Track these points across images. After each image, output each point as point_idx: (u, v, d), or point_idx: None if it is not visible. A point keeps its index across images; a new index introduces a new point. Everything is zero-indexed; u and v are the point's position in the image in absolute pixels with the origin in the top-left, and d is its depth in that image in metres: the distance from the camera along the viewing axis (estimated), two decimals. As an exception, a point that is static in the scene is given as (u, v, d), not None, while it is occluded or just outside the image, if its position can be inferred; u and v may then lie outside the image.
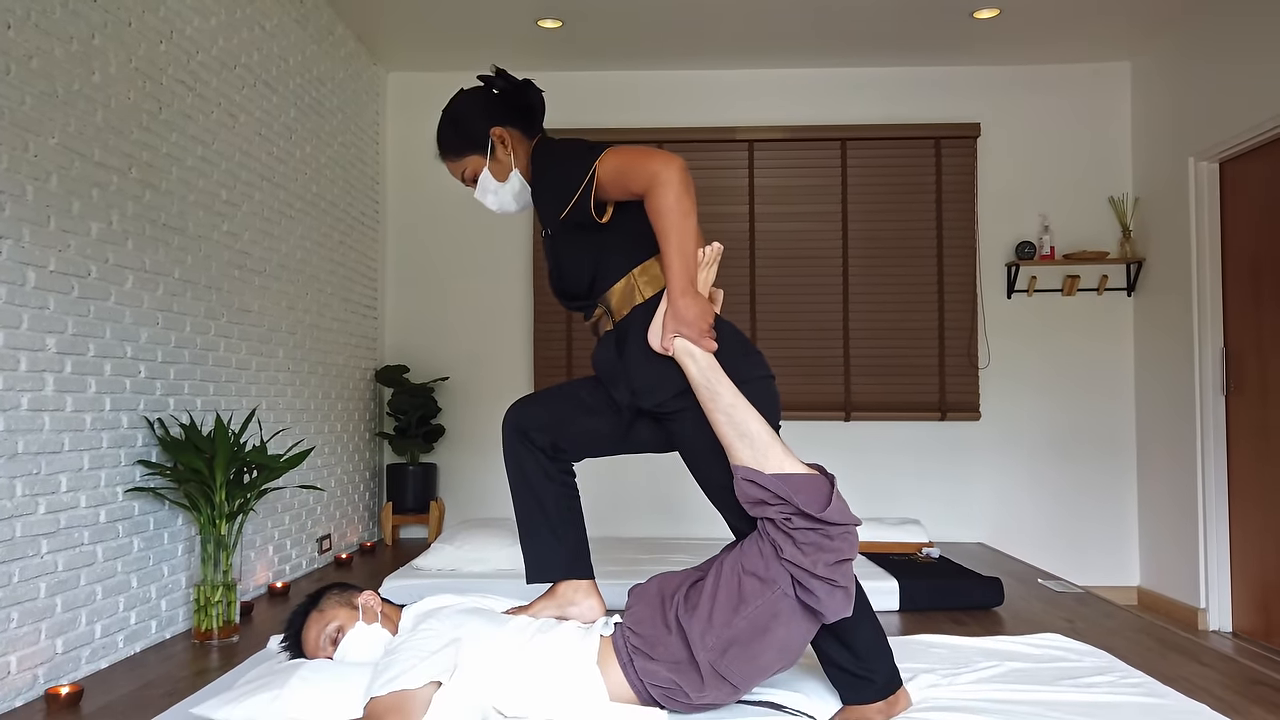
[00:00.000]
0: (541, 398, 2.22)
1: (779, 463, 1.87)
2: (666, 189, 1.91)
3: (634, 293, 2.08)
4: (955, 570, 3.72)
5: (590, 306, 2.17)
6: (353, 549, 4.64)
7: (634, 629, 1.98)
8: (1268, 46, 3.99)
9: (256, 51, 3.65)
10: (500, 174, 2.17)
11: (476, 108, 2.17)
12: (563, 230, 2.10)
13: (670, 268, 1.94)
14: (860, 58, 5.00)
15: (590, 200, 2.00)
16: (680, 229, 1.92)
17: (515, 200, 2.21)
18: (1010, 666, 2.41)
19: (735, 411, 1.91)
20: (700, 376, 1.94)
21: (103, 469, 2.67)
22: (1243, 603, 4.31)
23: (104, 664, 2.65)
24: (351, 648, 2.05)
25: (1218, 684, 2.48)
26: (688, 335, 1.94)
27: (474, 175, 2.19)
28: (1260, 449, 4.18)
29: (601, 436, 2.18)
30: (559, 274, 2.16)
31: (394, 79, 5.26)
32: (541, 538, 2.16)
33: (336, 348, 4.47)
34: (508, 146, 2.15)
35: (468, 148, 2.17)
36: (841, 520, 1.84)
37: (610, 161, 1.98)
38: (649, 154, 1.95)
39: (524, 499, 2.18)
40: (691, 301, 1.94)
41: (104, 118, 2.68)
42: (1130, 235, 5.00)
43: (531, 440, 2.16)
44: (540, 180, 2.11)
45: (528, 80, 2.19)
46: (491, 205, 2.22)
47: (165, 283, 3.00)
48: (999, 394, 5.08)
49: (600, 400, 2.16)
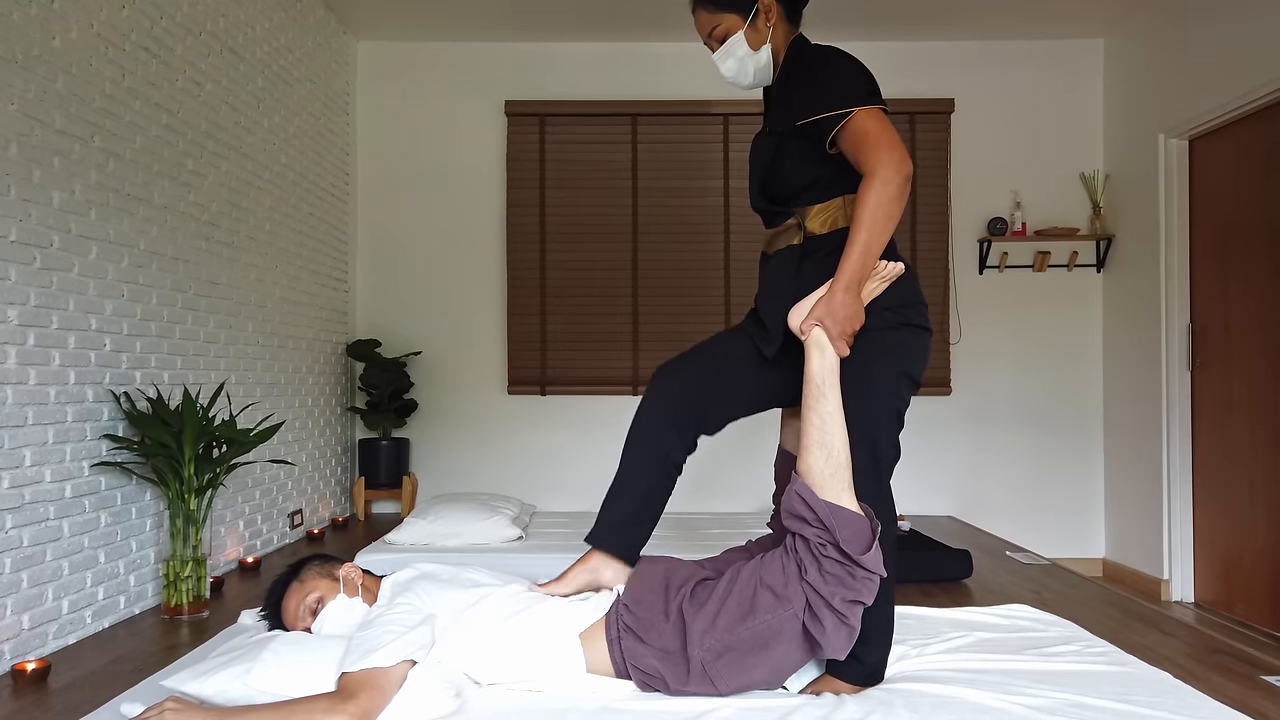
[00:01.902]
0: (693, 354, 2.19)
1: (838, 491, 1.86)
2: (886, 186, 1.88)
3: (836, 219, 2.05)
4: (925, 543, 3.77)
5: (782, 215, 2.14)
6: (324, 524, 4.61)
7: (630, 607, 1.97)
8: (1236, 26, 4.02)
9: (222, 18, 3.57)
10: (755, 42, 2.13)
11: None
12: (793, 134, 2.06)
13: (848, 258, 1.90)
14: (835, 32, 4.97)
15: (830, 132, 1.97)
16: (876, 228, 1.89)
17: (755, 74, 2.17)
18: (978, 637, 2.45)
19: (830, 420, 1.89)
20: (819, 372, 1.92)
21: (68, 443, 2.63)
22: (1205, 574, 4.40)
23: (71, 640, 2.63)
24: (330, 619, 2.04)
25: (1179, 652, 2.53)
26: (829, 329, 1.92)
27: (724, 35, 2.13)
28: (1224, 423, 4.25)
29: (749, 394, 2.16)
30: (770, 172, 2.12)
31: (364, 48, 5.18)
32: (620, 510, 2.16)
33: (307, 321, 4.42)
34: (771, 20, 2.12)
35: (731, 5, 2.12)
36: (873, 568, 1.84)
37: (867, 121, 1.93)
38: (894, 144, 1.91)
39: (632, 473, 2.16)
40: (851, 300, 1.91)
41: (65, 84, 2.62)
42: (1100, 212, 5.04)
43: (678, 423, 2.13)
44: (798, 80, 2.08)
45: None
46: (728, 70, 2.17)
47: (130, 254, 2.94)
48: (970, 369, 5.13)
49: (749, 355, 2.14)
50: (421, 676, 1.83)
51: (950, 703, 1.94)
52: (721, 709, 1.89)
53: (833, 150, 2.01)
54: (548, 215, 5.12)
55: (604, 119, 5.11)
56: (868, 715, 1.86)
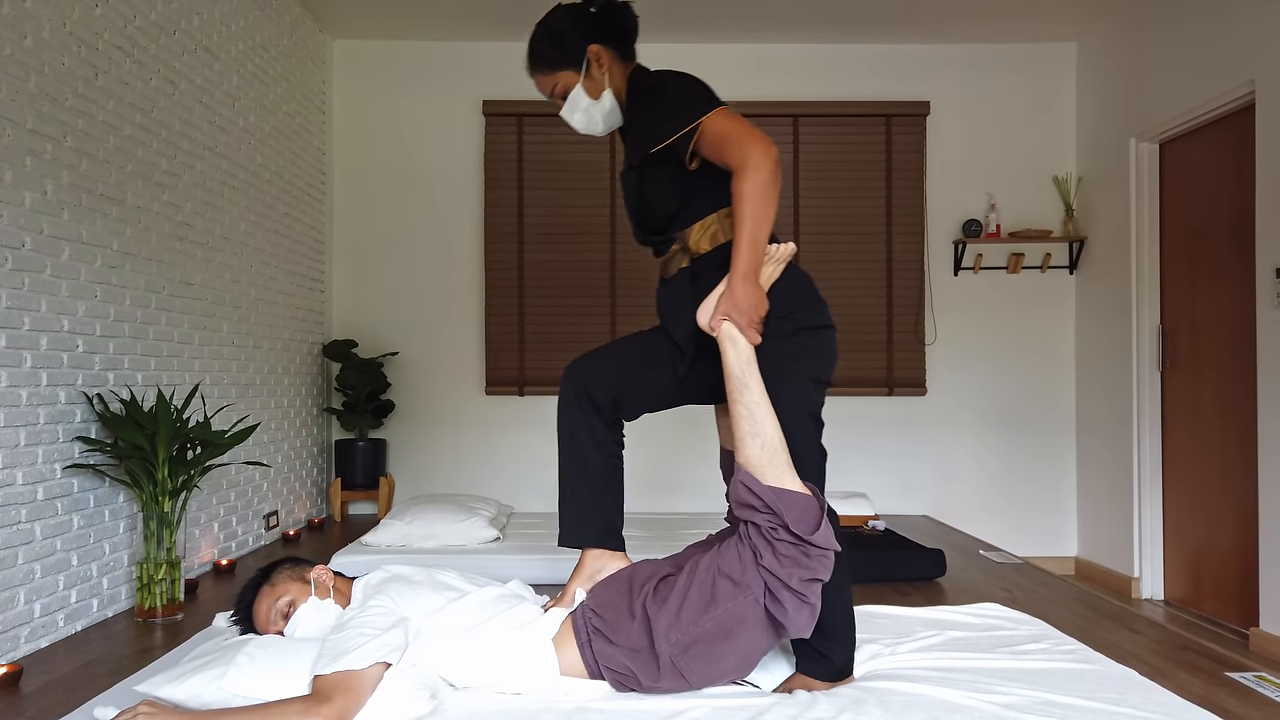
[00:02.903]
0: (603, 353, 2.22)
1: (779, 474, 1.88)
2: (757, 174, 1.90)
3: (716, 234, 2.08)
4: (900, 542, 3.80)
5: (665, 243, 2.16)
6: (300, 525, 4.60)
7: (597, 611, 1.99)
8: (1206, 31, 4.08)
9: (197, 16, 3.55)
10: (593, 92, 2.14)
11: (575, 23, 2.13)
12: (650, 164, 2.08)
13: (739, 252, 1.93)
14: (813, 34, 5.01)
15: (687, 148, 1.99)
16: (758, 217, 1.91)
17: (604, 121, 2.19)
18: (950, 636, 2.48)
19: (758, 409, 1.92)
20: (736, 365, 1.94)
21: (40, 445, 2.61)
22: (1174, 572, 4.47)
23: (44, 643, 2.61)
24: (302, 622, 2.04)
25: (1147, 650, 2.58)
26: (737, 321, 1.94)
27: (564, 91, 2.16)
28: (1193, 423, 4.32)
29: (661, 390, 2.17)
30: (639, 206, 2.15)
31: (340, 46, 5.16)
32: (579, 503, 2.19)
33: (283, 322, 4.40)
34: (603, 66, 2.13)
35: (563, 63, 2.14)
36: (825, 545, 1.86)
37: (718, 123, 1.96)
38: (753, 135, 1.93)
39: (570, 461, 2.19)
40: (751, 289, 1.93)
41: (37, 84, 2.60)
42: (1073, 214, 5.10)
43: (593, 400, 2.15)
44: (639, 109, 2.10)
45: (626, 2, 2.15)
46: (578, 123, 2.19)
47: (103, 255, 2.92)
48: (945, 370, 5.18)
49: (660, 351, 2.16)
50: (396, 678, 1.83)
51: (921, 701, 1.97)
52: (696, 709, 1.90)
53: (694, 165, 2.04)
54: (525, 215, 5.12)
55: (582, 120, 5.10)
56: (840, 713, 1.88)
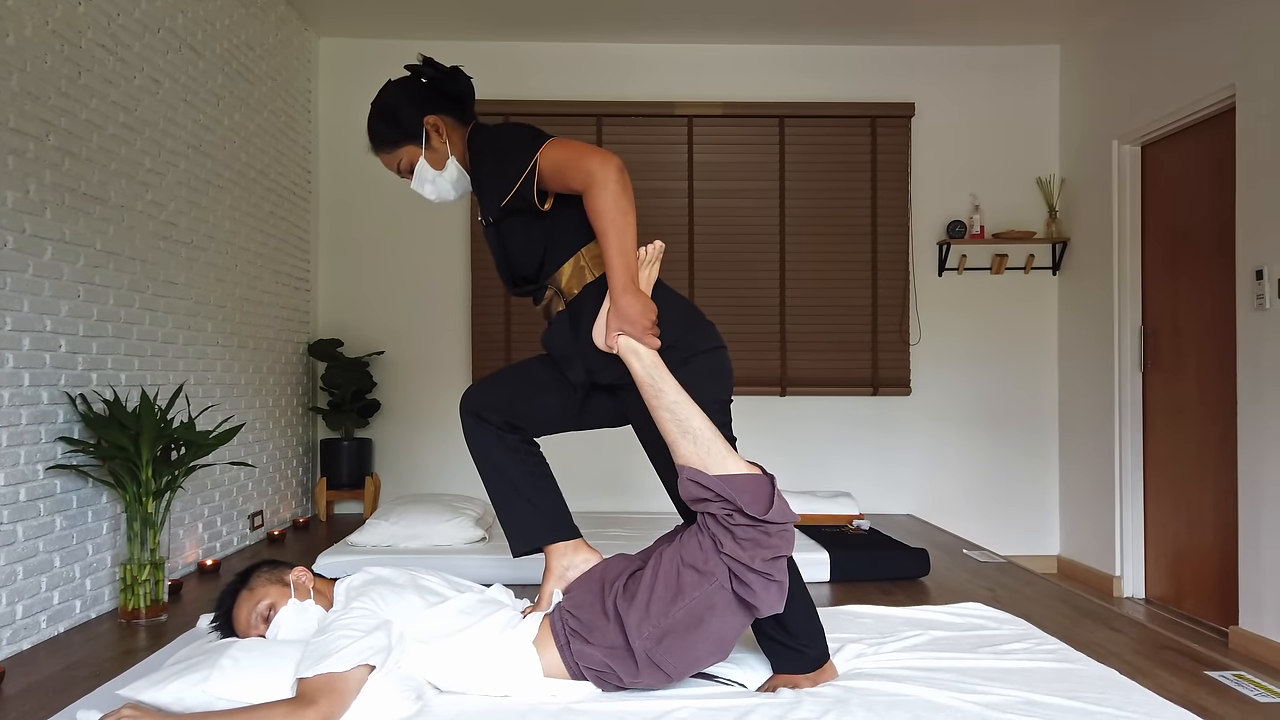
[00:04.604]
0: (494, 380, 2.23)
1: (721, 461, 1.89)
2: (604, 189, 1.91)
3: (583, 272, 2.10)
4: (884, 542, 3.82)
5: (539, 290, 2.17)
6: (286, 525, 4.58)
7: (573, 612, 2.00)
8: (1188, 35, 4.12)
9: (181, 14, 3.53)
10: (437, 163, 2.14)
11: (408, 97, 2.13)
12: (505, 216, 2.09)
13: (611, 267, 1.94)
14: (799, 35, 5.02)
15: (533, 190, 2.00)
16: (618, 228, 1.92)
17: (454, 188, 2.19)
18: (933, 635, 2.50)
19: (679, 409, 1.92)
20: (645, 374, 1.95)
21: (22, 446, 2.60)
22: (1155, 570, 4.51)
23: (26, 645, 2.59)
24: (284, 625, 2.03)
25: (1128, 648, 2.60)
26: (631, 333, 1.95)
27: (410, 166, 2.16)
28: (1174, 423, 4.36)
29: (556, 414, 2.20)
30: (505, 260, 2.16)
31: (326, 45, 5.14)
32: (518, 510, 2.18)
33: (268, 321, 4.39)
34: (442, 134, 2.13)
35: (402, 139, 2.13)
36: (781, 520, 1.87)
37: (551, 154, 1.98)
38: (587, 152, 1.94)
39: (493, 478, 2.18)
40: (634, 299, 1.94)
41: (19, 82, 2.58)
42: (1056, 216, 5.14)
43: (488, 420, 2.16)
44: (480, 168, 2.10)
45: (456, 67, 2.15)
46: (430, 195, 2.19)
47: (86, 254, 2.91)
48: (929, 370, 5.20)
49: (553, 378, 2.18)
50: (381, 680, 1.83)
51: (905, 700, 1.98)
52: (682, 709, 1.91)
53: (547, 205, 2.05)
54: (512, 215, 5.11)
55: (569, 119, 5.10)
56: (824, 713, 1.89)
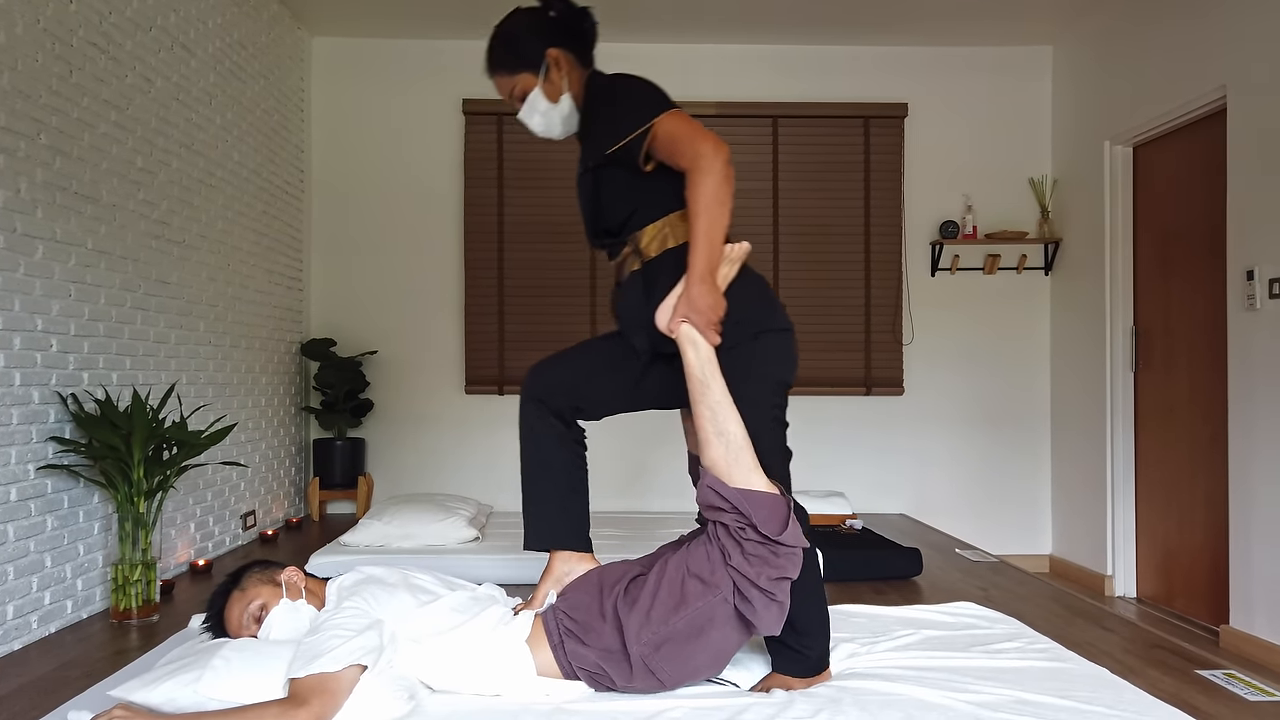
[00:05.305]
0: (562, 358, 2.22)
1: (746, 474, 1.89)
2: (708, 175, 1.92)
3: (665, 237, 2.09)
4: (877, 541, 3.83)
5: (618, 245, 2.17)
6: (278, 525, 4.57)
7: (568, 613, 2.00)
8: (1180, 37, 4.13)
9: (173, 13, 3.52)
10: (552, 95, 2.16)
11: (533, 26, 2.15)
12: (605, 164, 2.09)
13: (694, 253, 1.94)
14: (792, 35, 5.03)
15: (641, 150, 2.01)
16: (712, 216, 1.93)
17: (562, 124, 2.20)
18: (926, 634, 2.50)
19: (720, 409, 1.92)
20: (697, 367, 1.94)
21: (13, 446, 2.59)
22: (1147, 570, 4.52)
23: (17, 645, 2.58)
24: (276, 625, 2.02)
25: (1119, 648, 2.61)
26: (696, 323, 1.94)
27: (523, 94, 2.16)
28: (1166, 423, 4.37)
29: (620, 393, 2.18)
30: (594, 209, 2.16)
31: (319, 44, 5.13)
32: (548, 510, 2.18)
33: (260, 320, 4.38)
34: (562, 70, 2.14)
35: (521, 66, 2.14)
36: (793, 543, 1.87)
37: (669, 124, 1.99)
38: (703, 135, 1.95)
39: (537, 474, 2.18)
40: (708, 290, 1.94)
41: (10, 81, 2.57)
42: (1048, 216, 5.15)
43: (553, 405, 2.16)
44: (596, 114, 2.12)
45: (585, 7, 2.17)
46: (537, 126, 2.20)
47: (78, 253, 2.90)
48: (922, 370, 5.21)
49: (618, 355, 2.17)
50: (373, 680, 1.83)
51: (897, 700, 1.99)
52: (675, 709, 1.91)
53: (649, 167, 2.06)
54: (505, 214, 5.11)
55: (562, 119, 5.10)
56: (817, 712, 1.90)
